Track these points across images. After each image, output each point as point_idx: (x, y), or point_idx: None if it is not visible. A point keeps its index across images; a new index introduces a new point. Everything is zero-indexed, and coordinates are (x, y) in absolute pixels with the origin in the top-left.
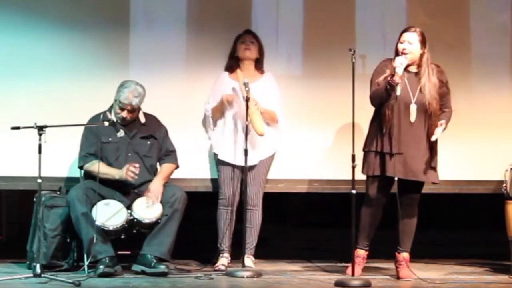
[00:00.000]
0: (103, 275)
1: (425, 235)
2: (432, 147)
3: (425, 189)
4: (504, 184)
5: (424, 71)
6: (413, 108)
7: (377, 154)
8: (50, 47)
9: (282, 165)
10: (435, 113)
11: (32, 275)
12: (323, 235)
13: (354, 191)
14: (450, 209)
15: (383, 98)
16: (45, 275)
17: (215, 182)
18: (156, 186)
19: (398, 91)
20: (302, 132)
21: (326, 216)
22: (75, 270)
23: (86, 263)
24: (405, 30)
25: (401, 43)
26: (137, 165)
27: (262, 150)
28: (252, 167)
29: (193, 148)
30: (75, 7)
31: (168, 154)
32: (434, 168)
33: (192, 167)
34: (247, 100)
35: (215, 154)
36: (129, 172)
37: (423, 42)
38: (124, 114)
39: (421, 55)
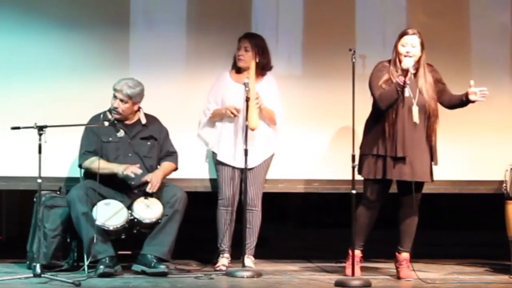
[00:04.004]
0: (103, 275)
1: (425, 235)
2: (432, 146)
3: (425, 189)
4: (504, 184)
5: (421, 73)
6: (415, 109)
7: (379, 157)
8: (50, 47)
9: (282, 165)
10: (433, 113)
11: (32, 275)
12: (323, 235)
13: (354, 191)
14: (450, 209)
15: (392, 99)
16: (45, 275)
17: (215, 182)
18: (156, 174)
19: (407, 93)
20: (302, 132)
21: (326, 216)
22: (75, 270)
23: (86, 263)
24: (405, 33)
25: (403, 46)
26: (139, 168)
27: (261, 152)
28: (251, 168)
29: (193, 148)
30: (75, 7)
31: (169, 154)
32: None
33: (192, 167)
34: (247, 100)
35: (214, 154)
36: (130, 168)
37: (422, 45)
38: (116, 103)
39: (420, 57)
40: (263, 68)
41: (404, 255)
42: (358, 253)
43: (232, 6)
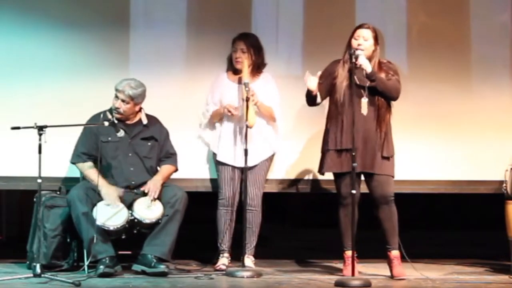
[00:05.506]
0: (103, 275)
1: (425, 235)
2: (384, 138)
3: (426, 189)
4: (504, 184)
5: (373, 66)
6: (364, 101)
7: (335, 152)
8: (50, 47)
9: (282, 165)
10: (382, 104)
11: (32, 275)
12: (323, 235)
13: (354, 191)
14: (450, 209)
15: (308, 98)
16: (45, 275)
17: (215, 182)
18: (155, 182)
19: (319, 99)
20: (302, 132)
21: (326, 216)
22: (75, 270)
23: (86, 263)
24: (359, 27)
25: (356, 39)
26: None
27: (261, 151)
28: (251, 168)
29: (194, 148)
30: (75, 7)
31: (168, 156)
32: (388, 158)
33: (192, 167)
34: (247, 100)
35: (214, 154)
36: (114, 200)
37: (376, 39)
38: (117, 103)
39: (373, 52)
40: (258, 66)
41: (394, 253)
42: (349, 253)
43: (232, 6)
